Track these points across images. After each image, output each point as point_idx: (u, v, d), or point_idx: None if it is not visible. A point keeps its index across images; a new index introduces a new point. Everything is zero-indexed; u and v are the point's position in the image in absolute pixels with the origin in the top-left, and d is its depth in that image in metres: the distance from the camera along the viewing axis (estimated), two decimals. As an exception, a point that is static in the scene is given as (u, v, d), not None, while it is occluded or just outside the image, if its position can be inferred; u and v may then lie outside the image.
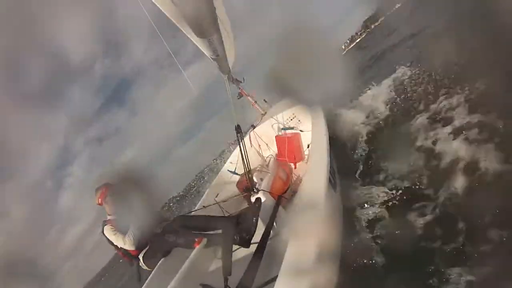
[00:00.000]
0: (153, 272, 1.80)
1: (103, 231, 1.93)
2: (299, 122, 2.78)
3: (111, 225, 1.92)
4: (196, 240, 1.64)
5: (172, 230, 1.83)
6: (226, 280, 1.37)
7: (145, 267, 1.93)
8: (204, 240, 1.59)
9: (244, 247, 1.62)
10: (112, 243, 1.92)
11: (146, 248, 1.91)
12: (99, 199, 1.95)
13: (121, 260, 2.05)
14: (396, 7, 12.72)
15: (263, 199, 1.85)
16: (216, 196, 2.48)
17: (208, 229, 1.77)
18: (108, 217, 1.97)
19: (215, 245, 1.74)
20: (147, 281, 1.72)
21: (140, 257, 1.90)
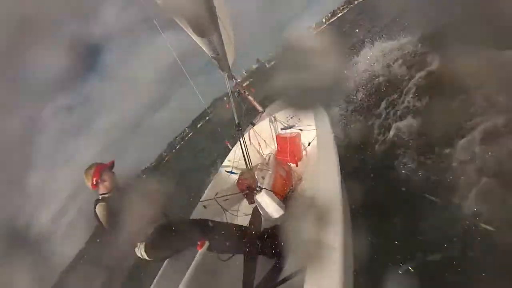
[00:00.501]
0: (159, 273, 1.75)
1: (94, 211, 1.71)
2: (299, 120, 2.78)
3: (105, 203, 1.71)
4: (199, 243, 1.54)
5: (192, 228, 1.70)
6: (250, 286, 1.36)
7: (143, 256, 1.70)
8: (207, 244, 1.51)
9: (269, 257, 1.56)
10: (101, 225, 1.69)
11: (154, 237, 1.71)
12: (94, 179, 1.75)
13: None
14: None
15: (265, 197, 1.85)
16: (216, 195, 2.48)
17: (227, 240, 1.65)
18: (101, 196, 1.77)
19: (218, 251, 1.67)
20: (154, 283, 1.70)
21: (142, 244, 1.71)
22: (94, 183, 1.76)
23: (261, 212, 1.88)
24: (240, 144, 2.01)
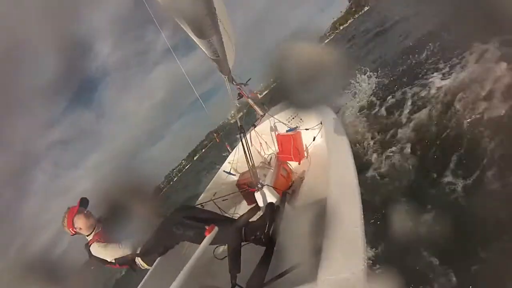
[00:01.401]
0: (150, 270, 1.74)
1: (90, 255, 1.73)
2: (301, 121, 2.80)
3: (98, 241, 1.73)
4: (207, 228, 1.43)
5: (177, 221, 1.63)
6: (234, 277, 1.34)
7: (144, 266, 1.75)
8: (216, 229, 1.40)
9: (260, 245, 1.50)
10: (106, 261, 1.72)
11: (144, 244, 1.73)
12: (70, 229, 1.72)
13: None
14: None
15: (267, 195, 1.85)
16: (214, 195, 2.49)
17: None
18: (89, 238, 1.78)
19: (218, 242, 1.59)
20: (143, 280, 1.68)
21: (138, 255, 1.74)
22: (73, 233, 1.73)
23: (261, 209, 1.88)
24: (242, 144, 2.02)
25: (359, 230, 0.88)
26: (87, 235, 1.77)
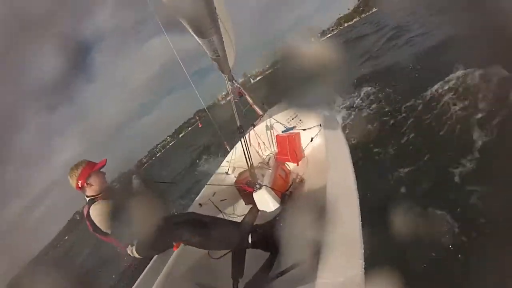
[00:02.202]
0: (147, 268, 1.73)
1: (87, 215, 1.56)
2: (300, 121, 2.80)
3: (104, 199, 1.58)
4: (175, 244, 1.44)
5: (184, 226, 1.59)
6: (236, 282, 1.33)
7: (134, 255, 1.65)
8: (181, 246, 1.44)
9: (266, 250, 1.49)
10: (98, 228, 1.56)
11: (144, 239, 1.62)
12: (79, 181, 1.56)
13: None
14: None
15: (265, 194, 1.85)
16: (213, 195, 2.48)
17: (220, 232, 1.57)
18: (88, 199, 1.62)
19: (224, 247, 1.57)
20: (140, 278, 1.69)
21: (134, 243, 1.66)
22: (79, 185, 1.58)
23: (259, 209, 1.89)
24: (242, 143, 2.02)
25: (357, 233, 0.88)
26: (90, 196, 1.62)
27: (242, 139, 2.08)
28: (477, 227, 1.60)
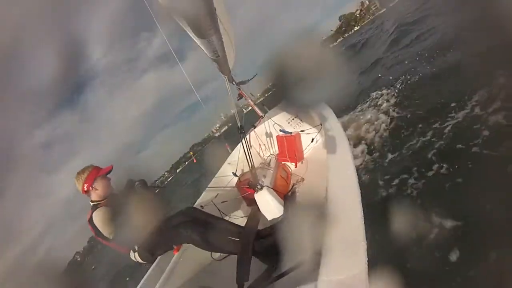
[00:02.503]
0: (150, 269, 1.73)
1: (90, 219, 1.60)
2: (300, 122, 2.79)
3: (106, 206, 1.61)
4: (175, 247, 1.44)
5: (186, 223, 1.61)
6: (241, 286, 1.32)
7: (137, 260, 1.67)
8: (181, 250, 1.45)
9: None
10: (101, 233, 1.59)
11: (147, 240, 1.64)
12: (85, 185, 1.61)
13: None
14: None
15: (266, 195, 1.84)
16: (215, 197, 2.47)
17: (223, 233, 1.58)
18: (92, 204, 1.66)
19: (228, 251, 1.58)
20: (143, 279, 1.68)
21: (136, 248, 1.67)
22: (85, 189, 1.63)
23: (261, 210, 1.87)
24: (243, 144, 2.01)
25: (360, 231, 0.87)
26: (95, 201, 1.66)
27: (243, 140, 2.07)
28: (476, 225, 1.59)
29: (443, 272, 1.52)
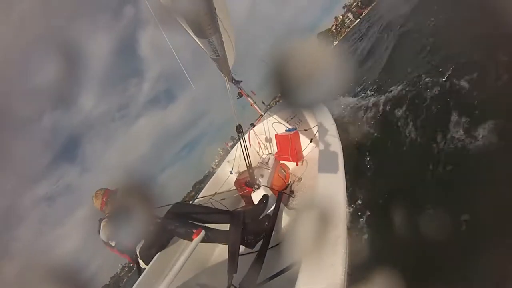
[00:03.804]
0: (147, 267, 1.75)
1: (99, 230, 1.83)
2: (299, 121, 2.80)
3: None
4: (194, 231, 1.49)
5: (171, 217, 1.73)
6: (231, 278, 1.35)
7: (142, 265, 1.81)
8: (202, 233, 1.47)
9: (248, 247, 1.57)
10: (106, 242, 1.82)
11: (142, 241, 1.79)
12: (104, 198, 1.88)
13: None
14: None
15: (262, 195, 1.84)
16: (214, 195, 2.49)
17: (209, 222, 1.68)
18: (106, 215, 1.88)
19: (215, 241, 1.64)
20: (140, 278, 1.68)
21: (137, 251, 1.80)
22: (104, 201, 1.87)
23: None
24: (241, 143, 2.03)
25: (341, 240, 0.88)
26: (106, 214, 1.88)
27: (241, 139, 2.09)
28: (477, 226, 1.60)
29: (443, 272, 1.54)
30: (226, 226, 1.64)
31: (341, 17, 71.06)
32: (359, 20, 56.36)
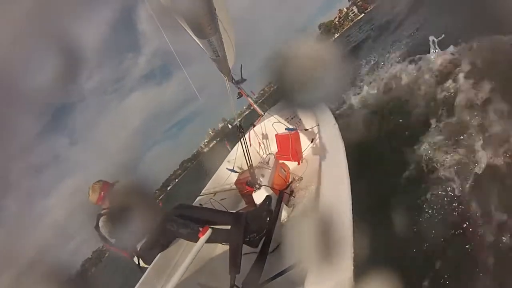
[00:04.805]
0: (149, 267, 1.74)
1: (96, 225, 1.78)
2: (299, 121, 2.80)
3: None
4: (201, 230, 1.47)
5: (173, 219, 1.69)
6: (233, 278, 1.34)
7: (141, 264, 1.78)
8: (209, 231, 1.45)
9: (251, 246, 1.56)
10: (105, 238, 1.77)
11: (143, 241, 1.76)
12: (102, 192, 1.82)
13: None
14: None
15: (264, 195, 1.84)
16: (214, 195, 2.49)
17: (212, 223, 1.63)
18: (103, 211, 1.84)
19: (216, 241, 1.62)
20: (142, 278, 1.68)
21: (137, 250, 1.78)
22: (102, 196, 1.83)
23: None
24: (241, 143, 2.03)
25: (348, 239, 0.88)
26: (104, 209, 1.85)
27: (242, 139, 2.09)
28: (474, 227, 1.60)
29: (443, 272, 1.54)
30: (227, 227, 1.63)
31: (345, 10, 70.63)
32: (363, 14, 55.76)
